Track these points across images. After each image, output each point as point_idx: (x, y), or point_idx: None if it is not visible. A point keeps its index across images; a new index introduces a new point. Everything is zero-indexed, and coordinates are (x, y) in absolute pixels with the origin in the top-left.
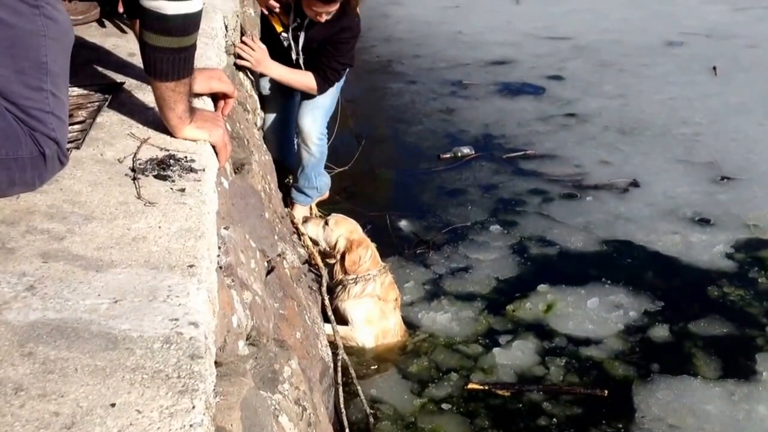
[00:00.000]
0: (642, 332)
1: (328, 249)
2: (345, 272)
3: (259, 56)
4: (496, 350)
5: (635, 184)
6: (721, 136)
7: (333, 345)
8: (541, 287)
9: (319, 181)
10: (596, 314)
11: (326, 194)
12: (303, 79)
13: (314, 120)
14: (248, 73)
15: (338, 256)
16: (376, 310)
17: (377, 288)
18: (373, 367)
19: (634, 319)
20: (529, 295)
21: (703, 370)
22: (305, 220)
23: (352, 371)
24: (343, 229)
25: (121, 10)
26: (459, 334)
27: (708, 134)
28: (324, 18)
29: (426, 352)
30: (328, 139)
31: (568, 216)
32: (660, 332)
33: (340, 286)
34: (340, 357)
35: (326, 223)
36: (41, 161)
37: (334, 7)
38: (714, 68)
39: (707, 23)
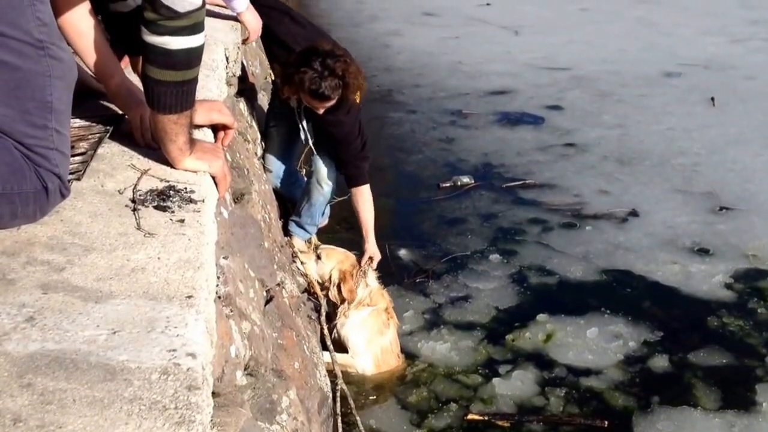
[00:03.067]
0: (642, 362)
1: (321, 281)
2: (343, 301)
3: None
4: (495, 380)
5: (634, 213)
6: (719, 167)
7: (332, 374)
8: (541, 317)
9: (320, 219)
10: (596, 344)
11: (325, 221)
12: (366, 209)
13: (332, 161)
14: (249, 104)
15: (334, 289)
16: (374, 329)
17: (367, 297)
18: (372, 398)
19: (633, 350)
20: (528, 324)
21: (703, 400)
22: (294, 255)
23: (351, 401)
24: (334, 261)
25: (122, 66)
26: (458, 363)
27: (706, 164)
28: (321, 111)
29: (425, 382)
30: None
31: (567, 245)
32: (660, 362)
33: (338, 312)
34: (339, 387)
35: (318, 257)
36: (44, 195)
37: (331, 103)
38: (712, 99)
39: (705, 54)
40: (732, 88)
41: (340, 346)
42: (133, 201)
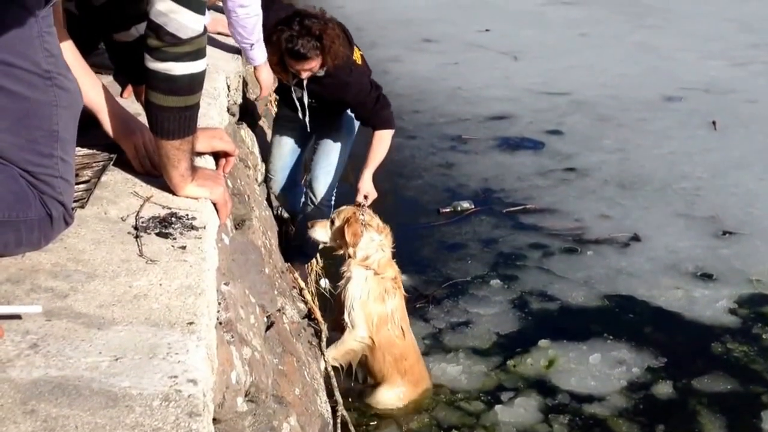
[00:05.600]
0: (646, 389)
1: (336, 243)
2: (347, 246)
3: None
4: (498, 407)
5: (636, 238)
6: (721, 191)
7: (333, 401)
8: (543, 342)
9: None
10: (599, 370)
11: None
12: (381, 150)
13: (327, 181)
14: (250, 130)
15: (339, 235)
16: (375, 293)
17: (375, 262)
18: (373, 423)
19: (637, 376)
20: (530, 350)
21: (708, 427)
22: (312, 225)
23: (351, 428)
24: (344, 215)
25: (126, 95)
26: (461, 390)
27: (708, 189)
28: (305, 75)
29: (427, 408)
30: None
31: (568, 270)
32: (664, 389)
33: (343, 267)
34: (339, 413)
35: (332, 222)
36: (48, 222)
37: (310, 65)
38: (713, 123)
39: (706, 78)
40: (733, 112)
41: (340, 312)
42: (136, 228)
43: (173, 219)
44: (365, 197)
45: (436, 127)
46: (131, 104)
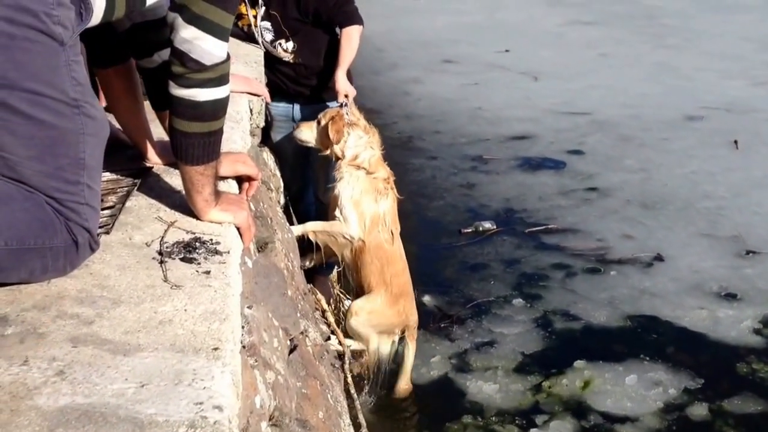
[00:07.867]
0: (680, 410)
1: (323, 144)
2: (332, 144)
3: None
4: (533, 431)
5: (659, 258)
6: (744, 210)
7: (356, 424)
8: (578, 363)
9: None
10: (635, 392)
11: None
12: (350, 47)
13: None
14: (272, 153)
15: (326, 136)
16: (367, 192)
17: (366, 161)
18: None
19: (674, 397)
20: (565, 371)
21: None
22: (298, 126)
23: None
24: (330, 114)
25: None
26: (492, 412)
27: (731, 208)
28: None
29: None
30: None
31: (591, 290)
32: (697, 410)
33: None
34: None
35: (318, 122)
36: (74, 249)
37: None
38: (735, 142)
39: (727, 98)
40: (755, 131)
41: (332, 210)
42: (160, 253)
43: (197, 244)
44: (346, 96)
45: (457, 147)
46: (155, 129)
